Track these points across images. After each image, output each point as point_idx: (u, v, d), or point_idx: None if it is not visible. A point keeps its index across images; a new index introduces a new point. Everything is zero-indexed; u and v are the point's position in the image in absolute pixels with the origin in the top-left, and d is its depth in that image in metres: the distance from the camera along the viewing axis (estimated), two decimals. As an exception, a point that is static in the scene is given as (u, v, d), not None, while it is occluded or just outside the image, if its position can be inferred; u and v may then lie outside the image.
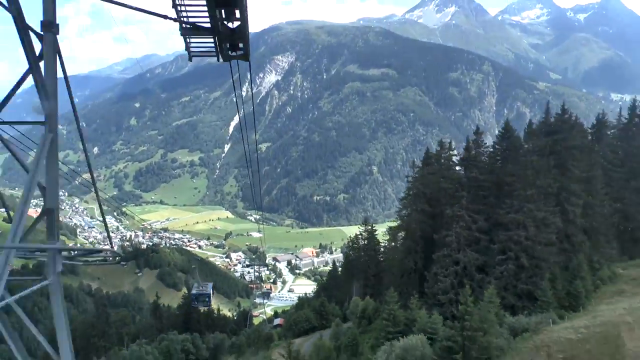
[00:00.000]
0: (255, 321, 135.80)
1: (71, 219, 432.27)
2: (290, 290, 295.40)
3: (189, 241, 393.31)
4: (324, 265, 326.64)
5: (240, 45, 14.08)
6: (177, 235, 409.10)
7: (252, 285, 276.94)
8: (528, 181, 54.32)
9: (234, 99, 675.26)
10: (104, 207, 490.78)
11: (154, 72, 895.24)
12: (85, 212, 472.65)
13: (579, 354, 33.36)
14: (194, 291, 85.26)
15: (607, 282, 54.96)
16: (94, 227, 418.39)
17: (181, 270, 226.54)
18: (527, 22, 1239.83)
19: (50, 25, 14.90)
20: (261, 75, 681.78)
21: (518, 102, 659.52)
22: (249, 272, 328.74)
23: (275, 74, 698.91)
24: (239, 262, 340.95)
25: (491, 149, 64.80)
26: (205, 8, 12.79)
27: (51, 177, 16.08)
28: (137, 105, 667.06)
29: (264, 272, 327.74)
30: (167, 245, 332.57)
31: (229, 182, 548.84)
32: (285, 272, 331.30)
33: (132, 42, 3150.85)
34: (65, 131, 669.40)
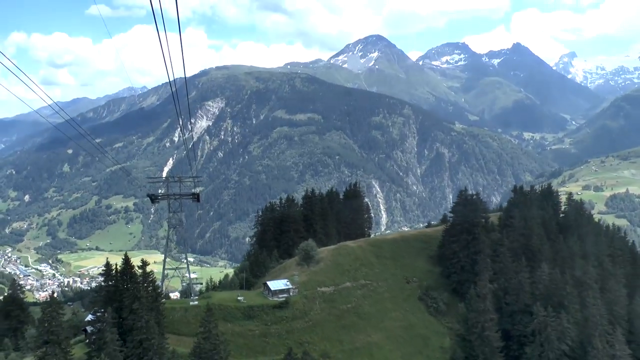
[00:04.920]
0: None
1: (4, 268, 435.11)
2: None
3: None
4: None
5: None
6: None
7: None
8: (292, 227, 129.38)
9: (167, 145, 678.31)
10: (38, 256, 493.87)
11: (85, 117, 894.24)
12: (19, 261, 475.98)
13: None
14: None
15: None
16: (29, 276, 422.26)
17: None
18: (446, 67, 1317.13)
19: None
20: (193, 120, 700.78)
21: (437, 143, 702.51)
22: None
23: (207, 120, 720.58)
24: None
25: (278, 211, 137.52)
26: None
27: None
28: (70, 151, 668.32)
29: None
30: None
31: (163, 227, 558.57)
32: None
33: (60, 85, 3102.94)
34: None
